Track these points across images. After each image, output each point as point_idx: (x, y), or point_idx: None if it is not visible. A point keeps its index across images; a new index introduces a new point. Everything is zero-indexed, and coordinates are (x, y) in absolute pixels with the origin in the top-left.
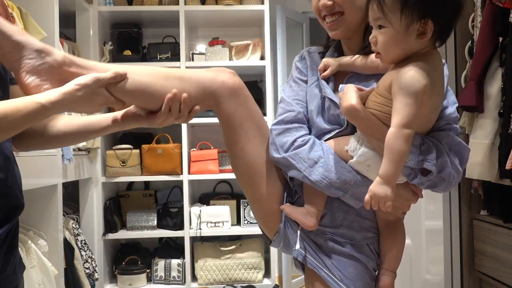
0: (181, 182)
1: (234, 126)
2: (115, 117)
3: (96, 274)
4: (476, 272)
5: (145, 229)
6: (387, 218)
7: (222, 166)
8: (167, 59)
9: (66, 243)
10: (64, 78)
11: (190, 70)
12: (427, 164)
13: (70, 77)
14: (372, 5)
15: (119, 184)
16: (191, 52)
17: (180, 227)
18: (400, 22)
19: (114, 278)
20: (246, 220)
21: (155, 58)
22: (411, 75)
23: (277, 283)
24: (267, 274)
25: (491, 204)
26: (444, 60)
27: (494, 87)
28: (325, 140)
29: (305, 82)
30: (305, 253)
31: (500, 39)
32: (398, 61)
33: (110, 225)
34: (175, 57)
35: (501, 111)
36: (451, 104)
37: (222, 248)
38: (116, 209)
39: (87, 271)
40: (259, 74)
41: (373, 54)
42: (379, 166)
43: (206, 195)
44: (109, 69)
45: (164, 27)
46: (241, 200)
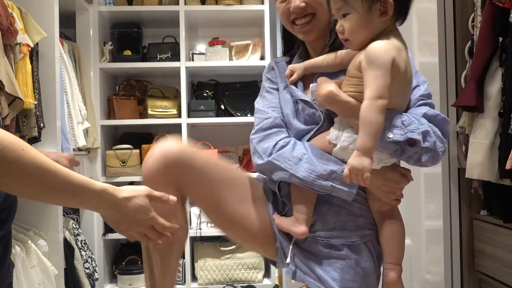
0: None
1: (206, 198)
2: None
3: (96, 274)
4: (476, 272)
5: None
6: (381, 208)
7: None
8: (167, 59)
9: (66, 243)
10: None
11: None
12: (412, 134)
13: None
14: None
15: (119, 184)
16: (191, 52)
17: None
18: (362, 5)
19: (114, 278)
20: None
21: (155, 58)
22: (378, 48)
23: (277, 283)
24: (267, 274)
25: (491, 204)
26: (411, 53)
27: (494, 87)
28: (307, 141)
29: (277, 89)
30: (295, 268)
31: (500, 39)
32: (366, 44)
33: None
34: (175, 57)
35: (501, 111)
36: (422, 83)
37: (222, 248)
38: None
39: (87, 271)
40: (259, 74)
41: (336, 52)
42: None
43: None
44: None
45: (164, 27)
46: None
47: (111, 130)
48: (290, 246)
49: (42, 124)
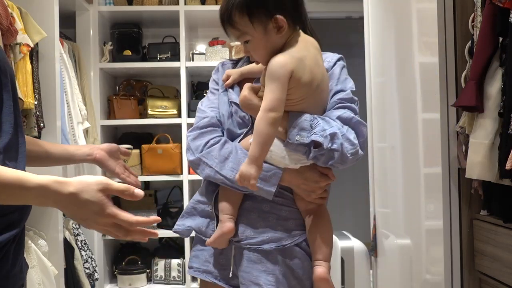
0: (181, 182)
1: None
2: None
3: (96, 274)
4: (476, 272)
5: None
6: (308, 207)
7: None
8: (167, 59)
9: (66, 243)
10: None
11: None
12: (315, 136)
13: None
14: (228, 29)
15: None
16: (191, 52)
17: None
18: (255, 30)
19: (114, 278)
20: None
21: (155, 58)
22: (275, 63)
23: None
24: None
25: (491, 204)
26: (339, 55)
27: (494, 87)
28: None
29: (218, 91)
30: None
31: (500, 39)
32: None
33: None
34: (175, 57)
35: (501, 111)
36: (348, 89)
37: None
38: None
39: (87, 271)
40: None
41: None
42: (280, 149)
43: None
44: None
45: (164, 27)
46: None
47: (111, 130)
48: (232, 258)
49: (42, 124)
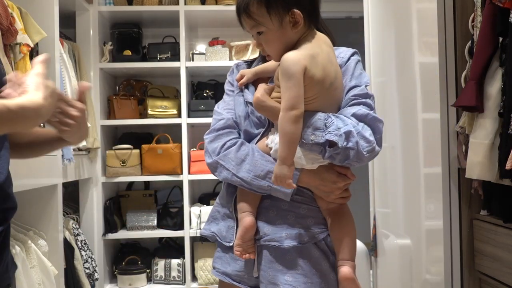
0: (181, 182)
1: None
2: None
3: (96, 274)
4: (476, 272)
5: (145, 229)
6: (329, 206)
7: None
8: (167, 59)
9: (66, 243)
10: None
11: None
12: (329, 135)
13: None
14: (243, 18)
15: (119, 184)
16: (191, 52)
17: (180, 227)
18: (272, 22)
19: (114, 278)
20: None
21: (155, 58)
22: (288, 60)
23: None
24: None
25: (491, 204)
26: (353, 50)
27: (494, 87)
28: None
29: (234, 92)
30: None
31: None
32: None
33: (110, 225)
34: (175, 57)
35: (501, 111)
36: (363, 84)
37: None
38: (116, 209)
39: (87, 271)
40: None
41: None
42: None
43: (206, 195)
44: None
45: (164, 27)
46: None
47: (111, 130)
48: (255, 261)
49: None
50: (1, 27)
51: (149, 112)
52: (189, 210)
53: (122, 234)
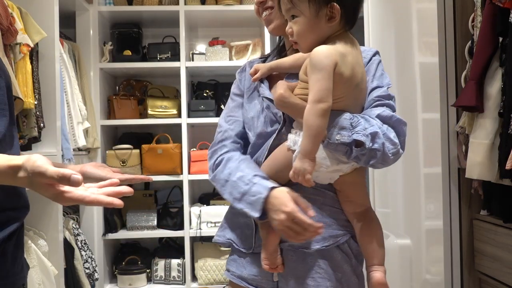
0: (181, 182)
1: None
2: None
3: (96, 274)
4: (476, 272)
5: (145, 229)
6: (356, 210)
7: None
8: (167, 59)
9: (66, 243)
10: None
11: None
12: (357, 135)
13: None
14: None
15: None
16: (191, 52)
17: (180, 227)
18: (309, 9)
19: (114, 278)
20: None
21: (155, 58)
22: (319, 52)
23: None
24: None
25: (491, 204)
26: (375, 50)
27: (494, 87)
28: (270, 144)
29: (240, 95)
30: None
31: (500, 39)
32: (314, 47)
33: (110, 225)
34: (175, 57)
35: (501, 111)
36: (385, 85)
37: (222, 248)
38: (116, 209)
39: (87, 271)
40: None
41: (300, 53)
42: (320, 150)
43: (206, 195)
44: None
45: (164, 27)
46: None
47: (111, 130)
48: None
49: (42, 124)
50: (1, 27)
51: (149, 112)
52: (189, 210)
53: (122, 234)
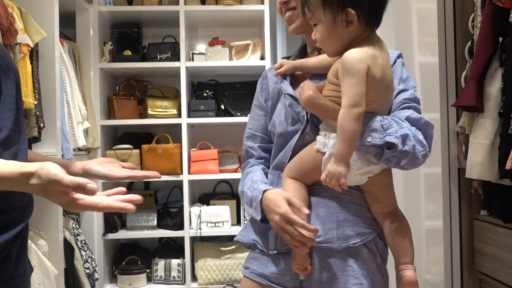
0: (181, 182)
1: None
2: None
3: (96, 274)
4: (476, 272)
5: (145, 229)
6: (384, 210)
7: (222, 166)
8: (167, 59)
9: (66, 243)
10: None
11: None
12: (389, 138)
13: None
14: (305, 7)
15: (119, 184)
16: (191, 52)
17: (180, 227)
18: (325, 17)
19: (114, 278)
20: (246, 220)
21: (155, 58)
22: (352, 57)
23: None
24: None
25: (491, 204)
26: (398, 52)
27: (494, 87)
28: (294, 145)
29: (259, 106)
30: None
31: (500, 39)
32: (341, 52)
33: (110, 225)
34: (175, 57)
35: (501, 111)
36: (411, 88)
37: (222, 248)
38: None
39: (87, 271)
40: (259, 74)
41: (323, 54)
42: None
43: (206, 195)
44: None
45: (164, 27)
46: (241, 200)
47: (111, 130)
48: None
49: (42, 124)
50: (1, 27)
51: (149, 112)
52: (189, 210)
53: (122, 234)
